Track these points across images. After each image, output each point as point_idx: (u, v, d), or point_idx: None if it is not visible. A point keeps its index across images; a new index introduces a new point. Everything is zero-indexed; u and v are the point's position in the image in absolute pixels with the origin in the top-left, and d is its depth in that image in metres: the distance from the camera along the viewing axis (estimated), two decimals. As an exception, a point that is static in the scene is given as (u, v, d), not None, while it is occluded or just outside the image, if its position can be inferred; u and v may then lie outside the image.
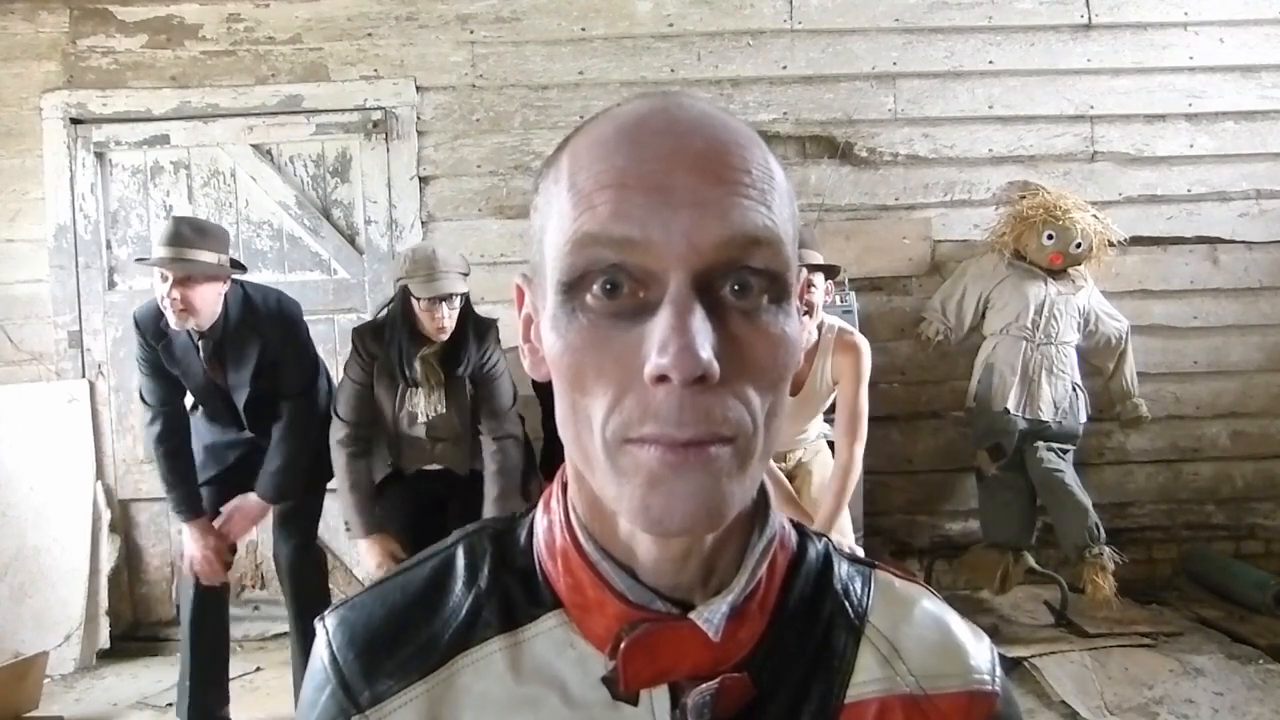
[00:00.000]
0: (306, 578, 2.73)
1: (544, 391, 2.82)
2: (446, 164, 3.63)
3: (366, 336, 2.61)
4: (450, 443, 2.65)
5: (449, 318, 2.50)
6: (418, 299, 2.48)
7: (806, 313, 2.50)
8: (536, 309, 0.57)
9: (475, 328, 2.63)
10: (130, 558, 3.59)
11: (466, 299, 2.60)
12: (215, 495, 2.70)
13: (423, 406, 2.59)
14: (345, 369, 2.65)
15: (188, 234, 2.42)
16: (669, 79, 3.64)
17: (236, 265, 2.59)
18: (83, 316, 3.56)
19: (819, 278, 2.53)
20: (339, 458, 2.58)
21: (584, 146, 0.54)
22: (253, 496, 2.63)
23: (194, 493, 2.62)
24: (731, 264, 0.50)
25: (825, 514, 2.55)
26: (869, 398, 2.58)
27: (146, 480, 3.57)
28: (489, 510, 2.56)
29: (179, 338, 2.53)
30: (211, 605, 2.64)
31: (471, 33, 3.62)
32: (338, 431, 2.60)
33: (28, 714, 2.85)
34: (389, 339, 2.56)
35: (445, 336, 2.53)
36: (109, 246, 3.60)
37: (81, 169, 3.56)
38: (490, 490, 2.58)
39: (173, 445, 2.61)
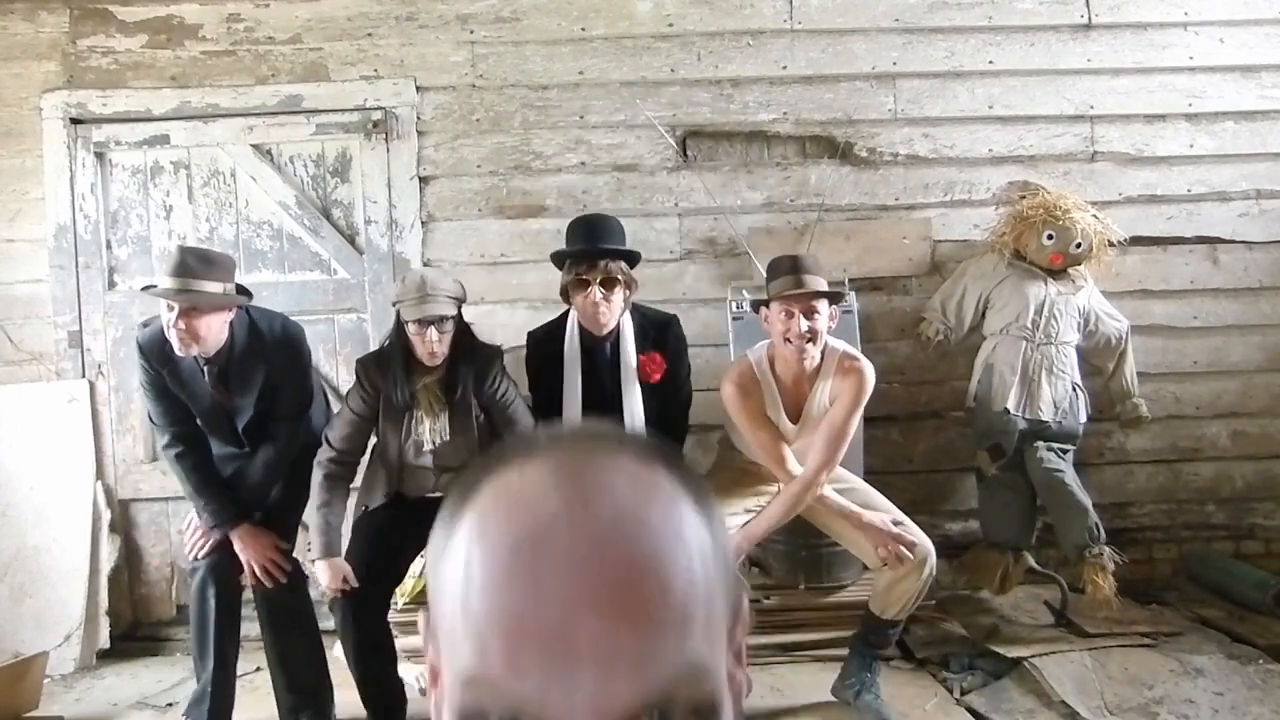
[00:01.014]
0: (278, 595, 2.65)
1: (538, 408, 2.82)
2: (446, 164, 3.62)
3: (370, 367, 2.62)
4: (455, 471, 2.64)
5: (439, 342, 2.50)
6: (407, 323, 2.50)
7: (810, 340, 2.51)
8: (436, 674, 0.51)
9: (475, 353, 2.63)
10: (130, 558, 3.58)
11: (462, 324, 2.60)
12: None
13: (427, 434, 2.58)
14: (347, 399, 2.66)
15: (193, 265, 2.43)
16: (669, 79, 3.64)
17: (243, 292, 2.59)
18: (83, 316, 3.56)
19: (823, 304, 2.53)
20: (317, 476, 2.59)
21: (479, 551, 0.46)
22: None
23: (226, 499, 2.60)
24: (649, 714, 0.45)
25: (767, 519, 2.59)
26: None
27: (146, 480, 3.57)
28: None
29: (184, 362, 2.54)
30: (233, 608, 2.62)
31: (471, 33, 3.62)
32: (324, 454, 2.61)
33: (28, 714, 2.85)
34: (387, 366, 2.57)
35: (437, 361, 2.54)
36: (109, 246, 3.59)
37: (81, 169, 3.56)
38: None
39: (195, 459, 2.61)
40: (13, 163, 3.56)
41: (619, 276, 2.65)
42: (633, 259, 2.73)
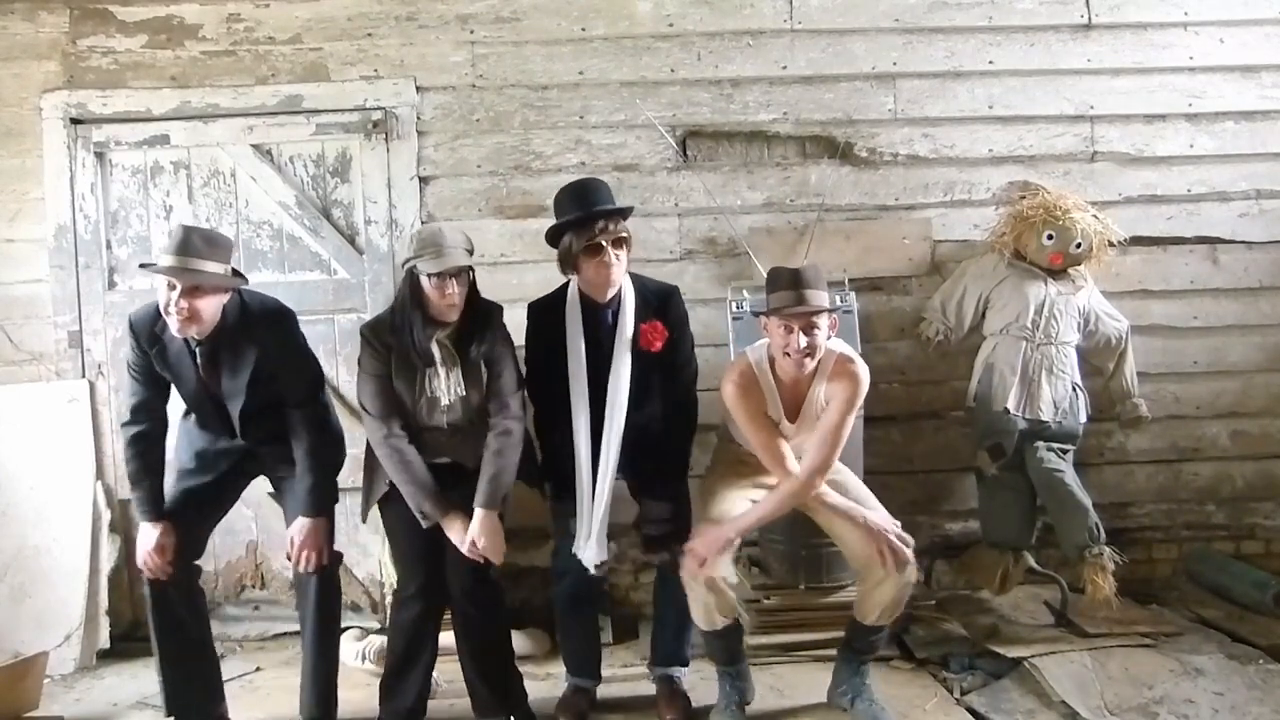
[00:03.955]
0: (324, 576, 2.67)
1: (535, 393, 2.80)
2: (446, 164, 3.63)
3: (380, 329, 2.61)
4: (465, 432, 2.63)
5: (458, 294, 2.52)
6: (428, 276, 2.49)
7: (809, 355, 2.52)
8: None
9: (485, 308, 2.65)
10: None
11: (472, 279, 2.61)
12: (203, 501, 2.69)
13: (443, 388, 2.58)
14: (360, 366, 2.63)
15: (197, 244, 2.42)
16: (669, 79, 3.64)
17: (238, 275, 2.59)
18: (83, 316, 3.56)
19: (823, 318, 2.54)
20: (388, 454, 2.56)
21: None
22: (300, 521, 2.60)
23: (159, 494, 2.60)
24: None
25: (757, 513, 2.59)
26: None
27: (146, 480, 3.57)
28: (481, 489, 2.55)
29: (174, 343, 2.53)
30: (173, 601, 2.59)
31: (471, 33, 3.62)
32: (376, 430, 2.58)
33: (28, 714, 2.85)
34: (400, 325, 2.56)
35: (455, 314, 2.54)
36: (109, 246, 3.59)
37: (81, 169, 3.56)
38: (485, 470, 2.57)
39: (146, 446, 2.60)
40: (13, 163, 3.56)
41: (625, 234, 2.64)
42: (628, 215, 2.72)
